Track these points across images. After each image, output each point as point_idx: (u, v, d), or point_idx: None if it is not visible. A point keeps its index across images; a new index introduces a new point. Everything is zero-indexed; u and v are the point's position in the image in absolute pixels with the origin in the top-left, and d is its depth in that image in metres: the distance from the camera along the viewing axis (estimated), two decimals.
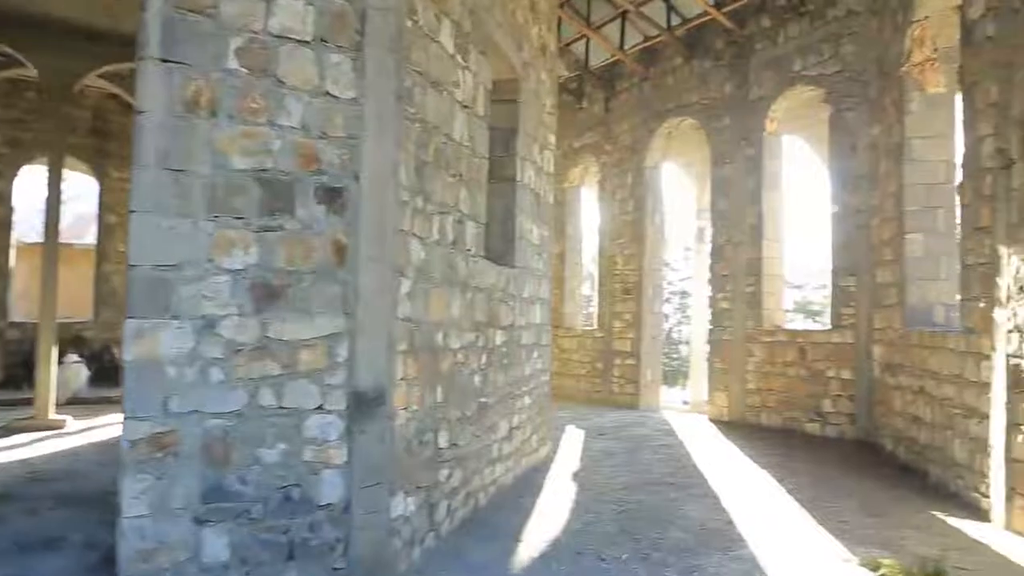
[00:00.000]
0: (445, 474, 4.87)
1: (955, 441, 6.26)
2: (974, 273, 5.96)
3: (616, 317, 13.14)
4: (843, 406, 9.19)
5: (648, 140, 12.63)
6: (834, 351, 9.30)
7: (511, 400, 6.36)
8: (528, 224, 6.79)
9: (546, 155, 7.65)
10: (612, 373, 13.13)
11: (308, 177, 3.70)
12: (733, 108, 10.98)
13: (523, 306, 6.66)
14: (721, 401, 10.90)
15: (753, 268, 10.48)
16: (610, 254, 13.38)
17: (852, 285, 9.17)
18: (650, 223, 12.72)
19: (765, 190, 10.43)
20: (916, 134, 7.75)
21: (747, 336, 10.53)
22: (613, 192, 13.39)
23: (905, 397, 7.59)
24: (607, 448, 8.50)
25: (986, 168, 5.80)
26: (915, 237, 7.69)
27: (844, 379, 9.18)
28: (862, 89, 9.18)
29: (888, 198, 8.30)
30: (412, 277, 4.25)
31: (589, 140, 14.10)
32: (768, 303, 10.38)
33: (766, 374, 10.19)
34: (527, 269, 6.79)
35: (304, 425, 3.67)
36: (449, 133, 4.83)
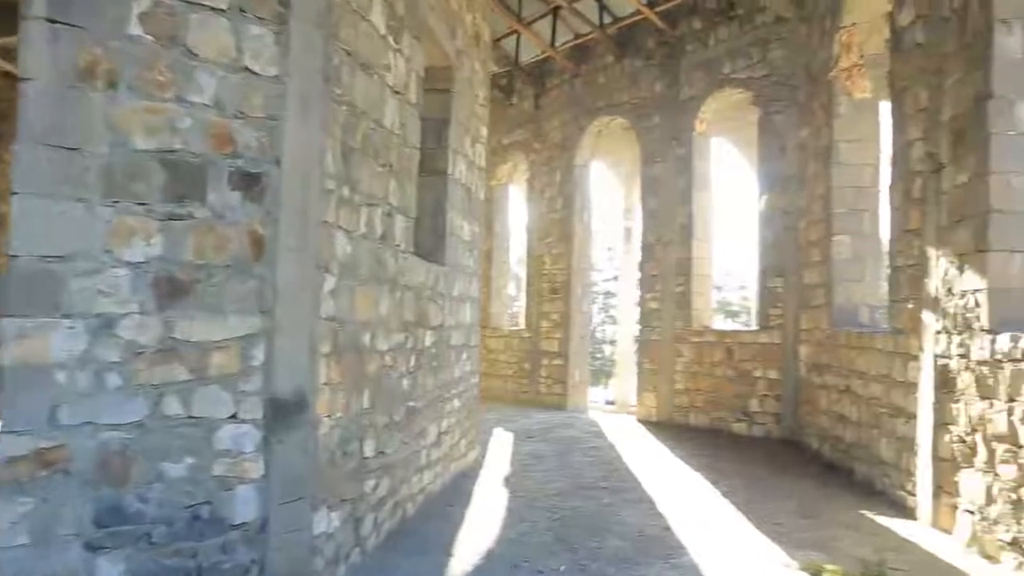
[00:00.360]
0: (372, 485, 4.55)
1: (882, 440, 6.33)
2: (903, 275, 6.02)
3: (544, 317, 12.99)
4: (769, 406, 9.27)
5: (578, 138, 12.52)
6: (761, 351, 9.37)
7: (440, 404, 6.07)
8: (459, 220, 6.52)
9: (478, 149, 7.39)
10: (539, 373, 12.97)
11: (222, 160, 3.32)
12: (663, 108, 10.98)
13: (453, 305, 6.38)
14: (649, 401, 10.88)
15: (683, 268, 10.49)
16: (538, 253, 13.22)
17: (779, 286, 9.26)
18: (579, 222, 12.62)
19: (695, 190, 10.46)
20: (843, 138, 7.85)
21: (676, 336, 10.53)
22: (542, 190, 13.24)
23: (831, 396, 7.68)
24: (537, 451, 8.30)
25: (915, 171, 5.87)
26: (842, 239, 7.79)
27: (771, 379, 9.26)
28: (790, 93, 9.28)
29: (816, 200, 8.40)
30: (337, 273, 3.92)
31: (518, 137, 13.90)
32: (697, 303, 10.41)
33: (694, 374, 10.21)
34: (457, 267, 6.52)
35: (215, 436, 3.29)
36: (379, 119, 4.51)
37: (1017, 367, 4.39)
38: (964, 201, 5.13)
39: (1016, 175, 4.81)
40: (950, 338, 5.21)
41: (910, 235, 5.91)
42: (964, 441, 5.00)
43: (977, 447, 4.82)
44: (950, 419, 5.17)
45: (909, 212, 5.95)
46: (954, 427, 5.12)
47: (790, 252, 9.12)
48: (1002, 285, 4.77)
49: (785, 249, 9.19)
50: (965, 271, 5.05)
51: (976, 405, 4.84)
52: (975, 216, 4.94)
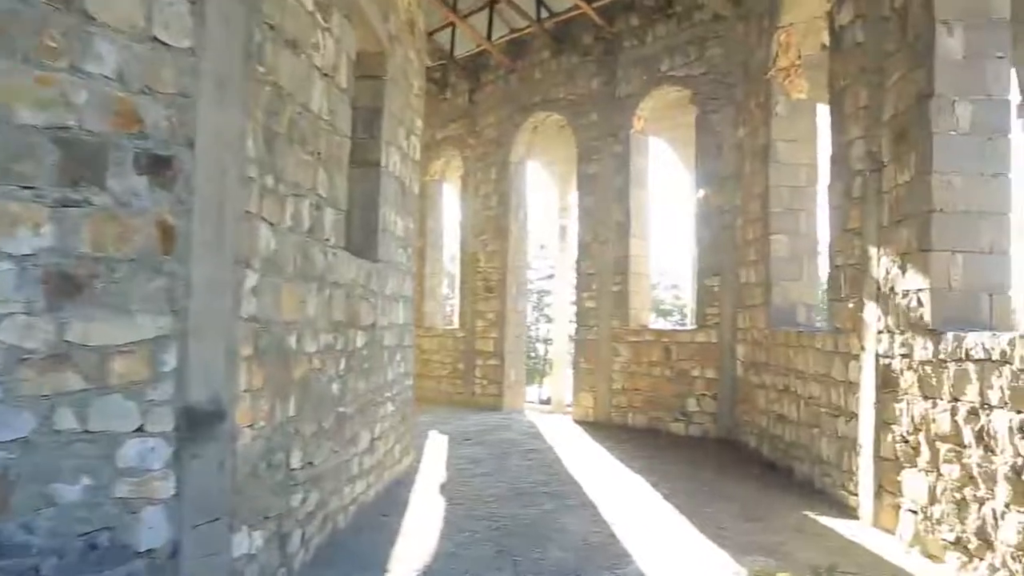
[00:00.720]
0: (299, 498, 4.19)
1: (822, 439, 6.31)
2: (843, 274, 6.00)
3: (478, 316, 12.73)
4: (707, 405, 9.24)
5: (514, 134, 12.30)
6: (699, 351, 9.34)
7: (373, 408, 5.73)
8: (392, 215, 6.19)
9: (413, 141, 7.07)
10: (474, 374, 12.70)
11: (125, 141, 2.93)
12: (600, 105, 10.85)
13: (386, 304, 6.04)
14: (587, 402, 10.74)
15: (620, 266, 10.38)
16: (472, 251, 12.95)
17: (716, 285, 9.24)
18: (514, 220, 12.40)
19: (633, 187, 10.37)
20: (781, 137, 7.85)
21: (613, 335, 10.42)
22: (476, 187, 12.96)
23: (769, 395, 7.66)
24: (474, 455, 8.03)
25: (856, 170, 5.85)
26: (780, 238, 7.78)
27: (708, 378, 9.23)
28: (728, 91, 9.27)
29: (753, 199, 8.39)
30: (259, 269, 3.56)
31: (452, 132, 13.59)
32: (634, 302, 10.32)
33: (632, 374, 10.12)
34: (390, 264, 6.19)
35: (118, 453, 2.90)
36: (306, 103, 4.16)
37: (961, 367, 4.35)
38: (906, 200, 5.10)
39: (957, 175, 4.80)
40: (892, 338, 5.18)
41: (850, 234, 5.88)
42: (907, 441, 4.97)
43: (920, 447, 4.79)
44: (892, 419, 5.15)
45: (849, 211, 5.93)
46: (896, 427, 5.09)
47: (727, 251, 9.10)
48: (944, 285, 4.75)
49: (722, 248, 9.17)
50: (907, 271, 5.02)
51: (919, 405, 4.81)
52: (917, 216, 4.91)
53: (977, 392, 4.20)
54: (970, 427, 4.26)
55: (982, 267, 4.77)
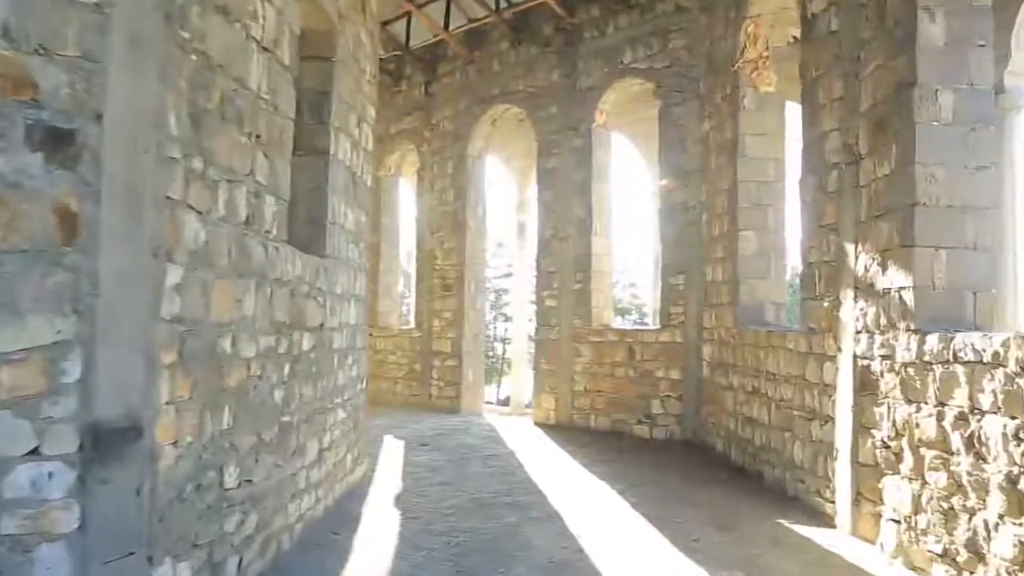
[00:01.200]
0: (235, 521, 3.74)
1: (795, 444, 6.06)
2: (817, 271, 5.76)
3: (435, 315, 12.30)
4: (672, 407, 8.98)
5: (471, 127, 11.90)
6: (663, 351, 9.07)
7: (322, 416, 5.29)
8: (342, 207, 5.74)
9: (365, 129, 6.62)
10: (431, 375, 12.27)
11: (15, 110, 2.46)
12: (561, 97, 10.52)
13: (335, 303, 5.60)
14: (548, 403, 10.40)
15: (581, 264, 10.07)
16: (429, 248, 12.51)
17: (681, 283, 8.98)
18: (472, 215, 12.00)
19: (594, 182, 10.06)
20: (749, 131, 7.61)
21: (575, 335, 10.11)
22: (433, 182, 12.52)
23: (738, 397, 7.41)
24: (431, 462, 7.62)
25: (831, 164, 5.60)
26: (748, 235, 7.54)
27: (673, 379, 8.97)
28: (692, 85, 9.02)
29: (719, 194, 8.14)
30: (185, 263, 3.10)
31: (408, 125, 13.12)
32: (597, 301, 10.02)
33: (594, 375, 9.81)
34: (340, 260, 5.74)
35: (5, 480, 2.44)
36: (242, 78, 3.70)
37: (948, 369, 4.11)
38: (886, 194, 4.87)
39: (940, 167, 4.57)
40: (872, 338, 4.94)
41: (825, 230, 5.64)
42: (888, 446, 4.72)
43: (903, 453, 4.55)
44: (872, 423, 4.90)
45: (824, 206, 5.68)
46: (877, 431, 4.85)
47: (693, 248, 8.85)
48: (928, 282, 4.52)
49: (687, 245, 8.92)
50: (888, 267, 4.78)
51: (901, 409, 4.57)
52: (899, 210, 4.67)
53: (966, 396, 3.95)
54: (959, 433, 4.01)
55: (966, 264, 4.55)
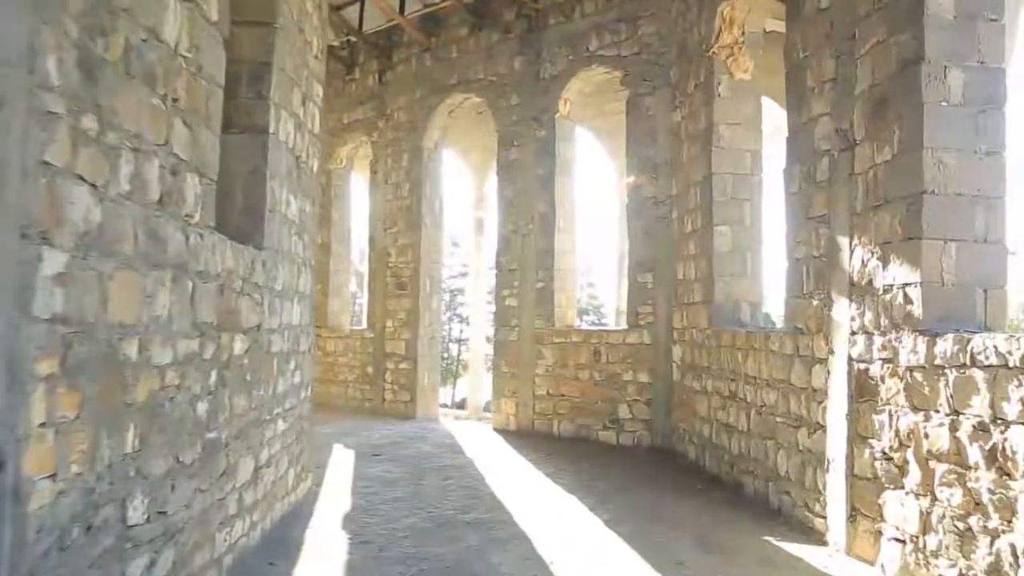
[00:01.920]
0: (143, 564, 3.10)
1: (779, 453, 5.63)
2: (805, 267, 5.32)
3: (389, 315, 11.65)
4: (640, 411, 8.52)
5: (428, 118, 11.29)
6: (631, 353, 8.61)
7: (258, 430, 4.64)
8: (284, 193, 5.10)
9: (311, 109, 5.98)
10: (385, 379, 11.62)
11: None
12: (523, 86, 9.99)
13: (275, 302, 4.96)
14: (508, 408, 9.85)
15: (544, 262, 9.55)
16: (382, 244, 11.85)
17: (650, 281, 8.53)
18: (428, 210, 11.39)
19: (558, 176, 9.55)
20: (724, 120, 7.19)
21: (536, 336, 9.58)
22: (387, 175, 11.87)
23: (712, 402, 6.98)
24: (385, 475, 7.00)
25: (820, 151, 5.18)
26: (723, 230, 7.11)
27: (641, 383, 8.52)
28: (662, 73, 8.58)
29: (692, 187, 7.71)
30: (71, 248, 2.46)
31: (360, 116, 12.45)
32: (560, 300, 9.52)
33: (557, 378, 9.30)
34: (282, 253, 5.10)
35: None
36: (154, 29, 3.06)
37: (964, 374, 3.69)
38: (887, 182, 4.44)
39: (949, 152, 4.16)
40: (870, 339, 4.51)
41: (814, 222, 5.21)
42: (890, 458, 4.30)
43: (907, 466, 4.12)
44: (870, 432, 4.48)
45: (813, 197, 5.25)
46: (876, 441, 4.42)
47: (662, 245, 8.41)
48: (936, 279, 4.10)
49: (657, 241, 8.48)
50: (890, 262, 4.35)
51: (906, 417, 4.14)
52: (904, 199, 4.25)
53: (987, 404, 3.53)
54: (978, 445, 3.59)
55: (976, 258, 4.14)
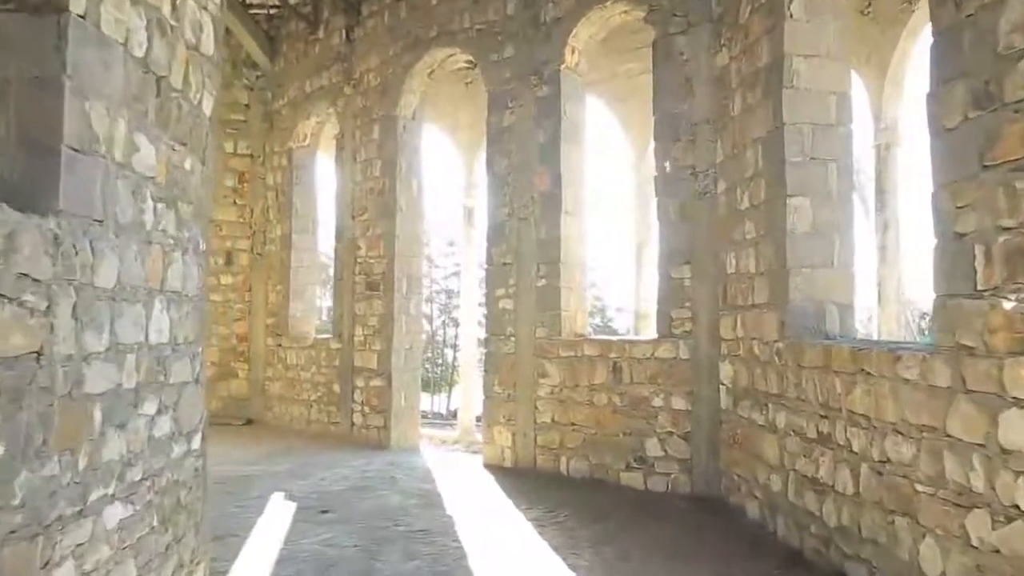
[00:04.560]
0: None
1: (923, 542, 3.58)
2: (981, 246, 3.28)
3: (358, 321, 9.61)
4: (675, 448, 6.49)
5: (402, 80, 9.25)
6: (662, 370, 6.57)
7: (55, 531, 2.62)
8: (123, 129, 3.06)
9: (200, 17, 3.93)
10: (353, 398, 9.58)
11: None
12: (519, 34, 7.96)
13: (97, 308, 2.93)
14: (502, 439, 7.81)
15: (547, 253, 7.52)
16: (350, 236, 9.82)
17: (687, 277, 6.50)
18: (404, 192, 9.35)
19: (565, 144, 7.53)
20: (799, 51, 5.16)
21: (538, 348, 7.54)
22: (355, 151, 9.84)
23: (788, 445, 4.95)
24: (326, 550, 4.95)
25: (1015, 53, 3.14)
26: (800, 203, 5.09)
27: (676, 410, 6.48)
28: (700, 5, 6.55)
29: (747, 149, 5.68)
30: None
31: (325, 82, 10.42)
32: (568, 302, 7.49)
33: (565, 402, 7.26)
34: (116, 227, 3.05)
35: None
36: None
37: None
38: None
39: None
40: None
41: (1000, 172, 3.17)
42: None
43: None
44: None
45: (997, 130, 3.21)
46: None
47: (703, 228, 6.39)
48: None
49: (696, 224, 6.45)
50: None
51: None
52: None
53: None
54: None
55: None
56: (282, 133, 11.12)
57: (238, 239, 11.39)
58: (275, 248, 11.10)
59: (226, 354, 11.23)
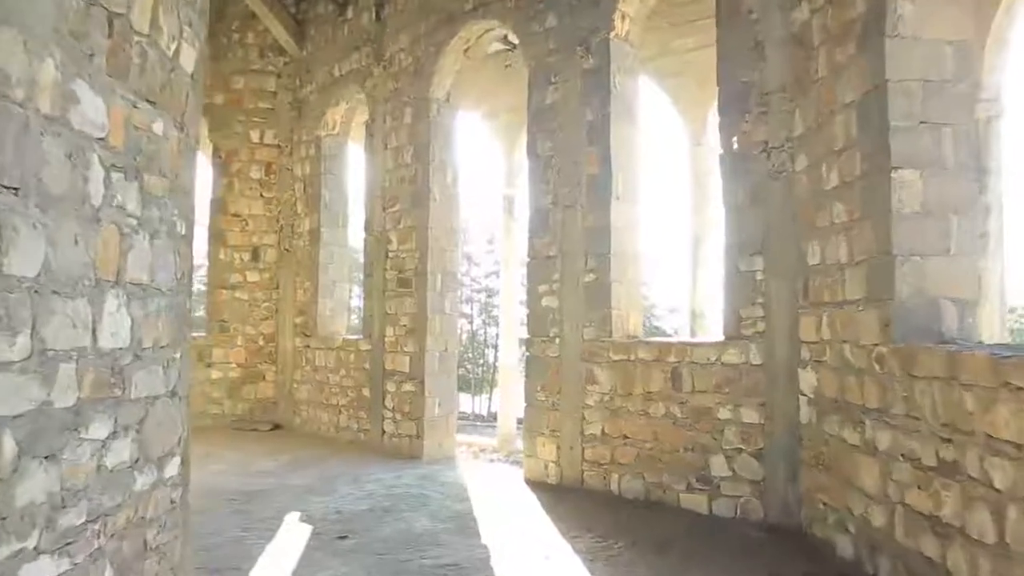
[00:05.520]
0: None
1: None
2: None
3: (389, 321, 8.91)
4: (745, 467, 5.61)
5: (435, 59, 8.51)
6: (730, 377, 5.70)
7: None
8: (44, 67, 2.35)
9: None
10: (384, 404, 8.88)
11: None
12: (561, 1, 7.15)
13: (24, 306, 2.24)
14: (546, 452, 7.02)
15: (596, 244, 6.70)
16: (380, 229, 9.12)
17: (759, 269, 5.62)
18: (438, 180, 8.62)
19: (615, 121, 6.70)
20: None
21: (586, 351, 6.73)
22: (385, 137, 9.14)
23: (895, 472, 4.05)
24: None
25: None
26: (908, 177, 4.18)
27: (747, 424, 5.60)
28: None
29: (834, 116, 4.79)
30: None
31: (355, 65, 9.75)
32: (620, 299, 6.66)
33: (616, 412, 6.44)
34: (47, 200, 2.34)
35: None
36: None
37: None
38: None
39: None
40: None
41: None
42: None
43: None
44: None
45: None
46: None
47: (778, 214, 5.50)
48: None
49: (770, 209, 5.57)
50: None
51: None
52: None
53: None
54: None
55: None
56: (310, 121, 10.49)
57: (265, 233, 10.80)
58: (303, 243, 10.48)
59: (252, 355, 10.65)
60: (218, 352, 10.57)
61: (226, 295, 10.63)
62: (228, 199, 10.72)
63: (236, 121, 10.73)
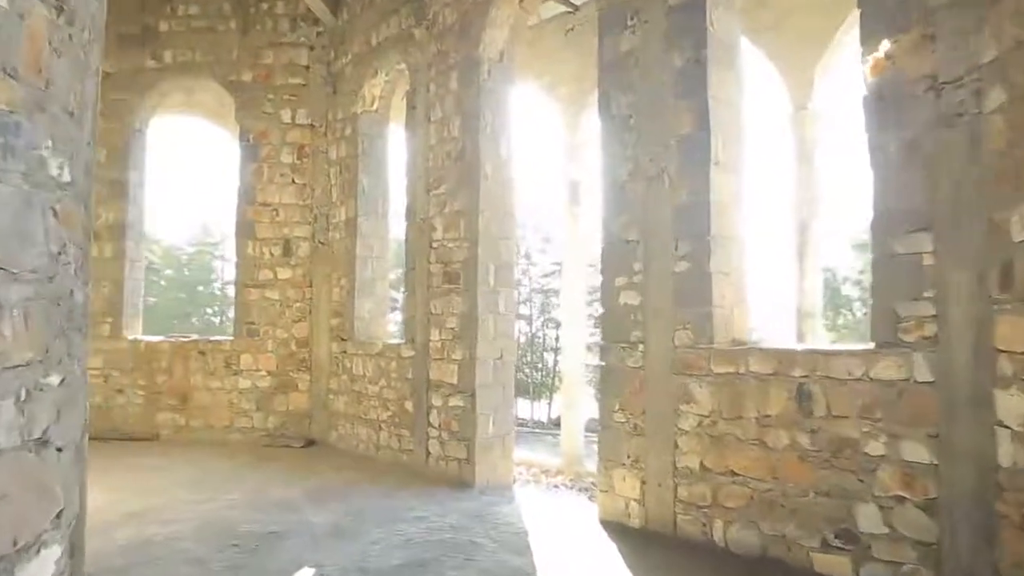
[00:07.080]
0: None
1: None
2: None
3: (434, 322, 7.61)
4: (911, 524, 4.09)
5: (486, 11, 7.18)
6: (883, 398, 4.19)
7: None
8: None
9: None
10: (429, 421, 7.58)
11: None
12: None
13: None
14: (626, 487, 5.59)
15: (690, 225, 5.26)
16: (423, 215, 7.83)
17: (926, 251, 4.10)
18: (489, 154, 7.28)
19: (712, 67, 5.24)
20: None
21: (678, 361, 5.29)
22: (428, 109, 7.85)
23: None
24: None
25: None
26: None
27: (911, 463, 4.08)
28: None
29: None
30: None
31: (394, 30, 8.50)
32: (721, 294, 5.20)
33: (720, 440, 4.98)
34: None
35: None
36: None
37: None
38: None
39: None
40: None
41: None
42: None
43: None
44: None
45: None
46: None
47: (950, 177, 3.97)
48: None
49: (939, 171, 4.04)
50: None
51: None
52: None
53: None
54: None
55: None
56: (346, 98, 9.30)
57: (297, 225, 9.66)
58: (339, 235, 9.29)
59: (284, 361, 9.51)
60: (246, 359, 9.47)
61: (255, 294, 9.53)
62: (257, 186, 9.62)
63: (266, 100, 9.62)
